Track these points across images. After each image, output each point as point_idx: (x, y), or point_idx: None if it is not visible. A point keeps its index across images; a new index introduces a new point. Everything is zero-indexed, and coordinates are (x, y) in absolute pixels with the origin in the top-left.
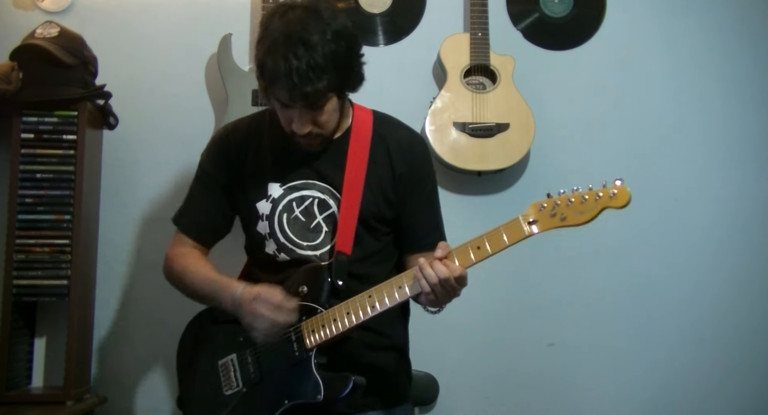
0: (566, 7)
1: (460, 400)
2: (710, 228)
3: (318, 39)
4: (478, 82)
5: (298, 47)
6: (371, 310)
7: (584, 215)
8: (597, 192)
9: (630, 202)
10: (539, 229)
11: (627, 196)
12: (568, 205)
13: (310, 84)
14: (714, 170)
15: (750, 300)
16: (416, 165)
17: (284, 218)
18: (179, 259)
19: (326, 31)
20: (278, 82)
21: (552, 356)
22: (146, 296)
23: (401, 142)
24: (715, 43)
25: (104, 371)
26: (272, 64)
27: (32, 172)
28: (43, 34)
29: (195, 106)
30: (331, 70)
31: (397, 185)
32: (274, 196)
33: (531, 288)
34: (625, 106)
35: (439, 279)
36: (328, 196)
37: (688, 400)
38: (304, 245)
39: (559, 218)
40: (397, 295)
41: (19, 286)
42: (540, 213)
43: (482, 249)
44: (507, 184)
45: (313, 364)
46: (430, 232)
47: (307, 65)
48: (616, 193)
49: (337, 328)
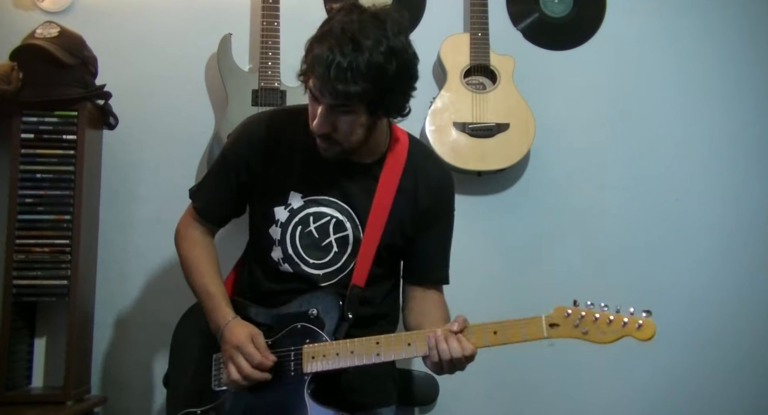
0: (566, 7)
1: (460, 400)
2: (711, 228)
3: (370, 46)
4: (478, 82)
5: (348, 45)
6: (375, 357)
7: (606, 336)
8: (623, 318)
9: (652, 338)
10: (559, 335)
11: (652, 331)
12: (593, 321)
13: (343, 83)
14: (715, 170)
15: (752, 301)
16: (441, 203)
17: (298, 231)
18: (188, 244)
19: (381, 42)
20: (315, 70)
21: (552, 356)
22: (146, 296)
23: (431, 178)
24: (715, 42)
25: (104, 371)
26: (317, 51)
27: (32, 172)
28: (43, 34)
29: (195, 106)
30: (370, 81)
31: (418, 221)
32: (293, 206)
33: (531, 288)
34: (625, 106)
35: (452, 357)
36: (347, 218)
37: (689, 401)
38: (310, 262)
39: (581, 331)
40: (404, 352)
41: (19, 286)
42: (564, 319)
43: (498, 336)
44: (507, 184)
45: (305, 389)
46: (439, 268)
47: (348, 65)
48: (642, 325)
49: (336, 362)
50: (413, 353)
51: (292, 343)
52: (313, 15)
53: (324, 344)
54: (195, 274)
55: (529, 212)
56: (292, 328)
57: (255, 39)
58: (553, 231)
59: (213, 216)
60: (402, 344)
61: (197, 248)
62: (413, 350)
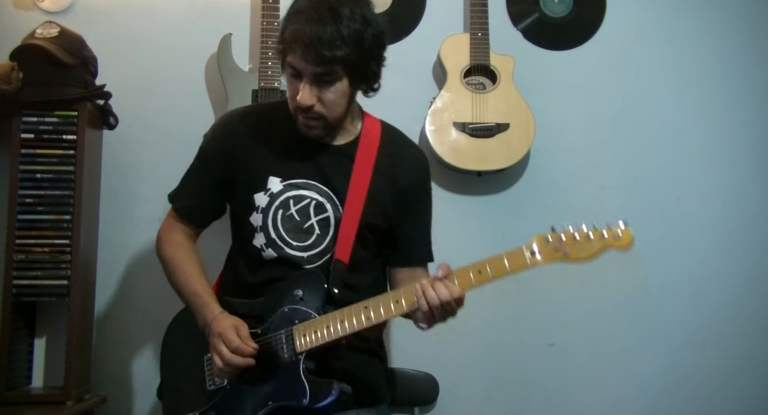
0: (566, 7)
1: (460, 400)
2: (711, 228)
3: (348, 13)
4: (478, 82)
5: (327, 15)
6: (366, 321)
7: (587, 251)
8: (602, 232)
9: (633, 245)
10: (542, 260)
11: (630, 239)
12: (573, 241)
13: (328, 49)
14: (715, 170)
15: (751, 300)
16: (418, 182)
17: (279, 214)
18: (171, 247)
19: (356, 12)
20: (297, 43)
21: (552, 357)
22: (146, 296)
23: (407, 157)
24: (715, 42)
25: (104, 371)
26: (296, 25)
27: (32, 172)
28: (43, 34)
29: (195, 106)
30: (352, 48)
31: (398, 200)
32: (273, 191)
33: (531, 288)
34: (625, 106)
35: (441, 301)
36: (326, 199)
37: (689, 401)
38: (293, 244)
39: (563, 253)
40: (393, 309)
41: (19, 286)
42: (544, 245)
43: (483, 274)
44: (507, 184)
45: (301, 368)
46: (422, 248)
47: (331, 32)
48: (621, 235)
49: (329, 334)
50: (402, 309)
51: (282, 327)
52: None
53: (313, 320)
54: (179, 274)
55: (529, 212)
56: (280, 313)
57: (255, 39)
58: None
59: (193, 215)
60: (390, 302)
61: (180, 249)
62: (401, 305)
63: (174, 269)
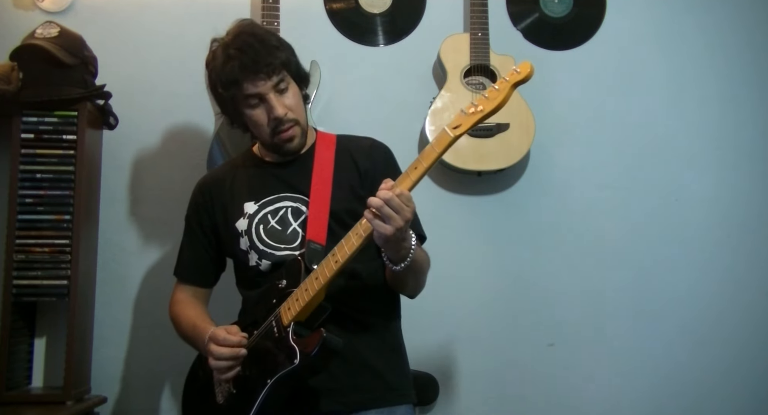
0: (566, 7)
1: (460, 400)
2: (710, 228)
3: (265, 33)
4: (478, 82)
5: (250, 40)
6: (335, 265)
7: (498, 97)
8: (503, 78)
9: (533, 72)
10: (463, 127)
11: (528, 67)
12: (485, 99)
13: (271, 59)
14: (714, 170)
15: (749, 299)
16: (378, 161)
17: (261, 229)
18: (174, 306)
19: (269, 31)
20: (244, 73)
21: (552, 356)
22: (146, 296)
23: (362, 146)
24: (714, 43)
25: (104, 371)
26: (233, 65)
27: (32, 172)
28: (43, 34)
29: (195, 106)
30: (284, 51)
31: (364, 181)
32: (249, 213)
33: (531, 288)
34: (624, 106)
35: (384, 200)
36: (300, 204)
37: (687, 399)
38: (281, 247)
39: (478, 111)
40: (353, 240)
41: (19, 286)
42: (463, 116)
43: (418, 169)
44: (507, 184)
45: (290, 336)
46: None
47: (262, 48)
48: (519, 69)
49: (308, 294)
50: (361, 234)
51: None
52: (313, 15)
53: (293, 293)
54: (181, 321)
55: (529, 212)
56: (270, 306)
57: None
58: (553, 231)
59: (193, 275)
60: (350, 237)
61: (181, 304)
62: (359, 231)
63: (179, 321)
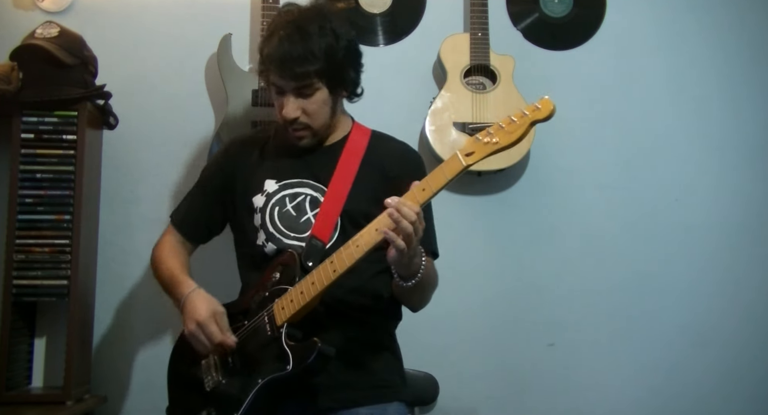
0: (566, 7)
1: (460, 400)
2: (710, 228)
3: (316, 29)
4: (478, 82)
5: (295, 34)
6: (333, 274)
7: (515, 133)
8: (522, 111)
9: (554, 113)
10: (475, 158)
11: (550, 106)
12: (500, 130)
13: (300, 65)
14: (713, 170)
15: (749, 299)
16: (409, 170)
17: (276, 211)
18: (158, 246)
19: (325, 26)
20: (272, 63)
21: (552, 356)
22: (146, 296)
23: (395, 150)
24: (714, 43)
25: (104, 371)
26: (269, 48)
27: (32, 172)
28: (43, 34)
29: (195, 106)
30: (323, 60)
31: (388, 186)
32: (268, 191)
33: (531, 288)
34: (624, 106)
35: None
36: (320, 194)
37: (687, 399)
38: (291, 235)
39: (492, 143)
40: (354, 253)
41: (19, 286)
42: (476, 144)
43: (427, 190)
44: (507, 184)
45: (283, 338)
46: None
47: (301, 49)
48: (540, 106)
49: (303, 298)
50: (363, 248)
51: (265, 309)
52: None
53: (288, 291)
54: (160, 264)
55: (529, 212)
56: (263, 298)
57: (255, 39)
58: (553, 231)
59: (185, 227)
60: (350, 248)
61: (167, 249)
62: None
63: (159, 264)
